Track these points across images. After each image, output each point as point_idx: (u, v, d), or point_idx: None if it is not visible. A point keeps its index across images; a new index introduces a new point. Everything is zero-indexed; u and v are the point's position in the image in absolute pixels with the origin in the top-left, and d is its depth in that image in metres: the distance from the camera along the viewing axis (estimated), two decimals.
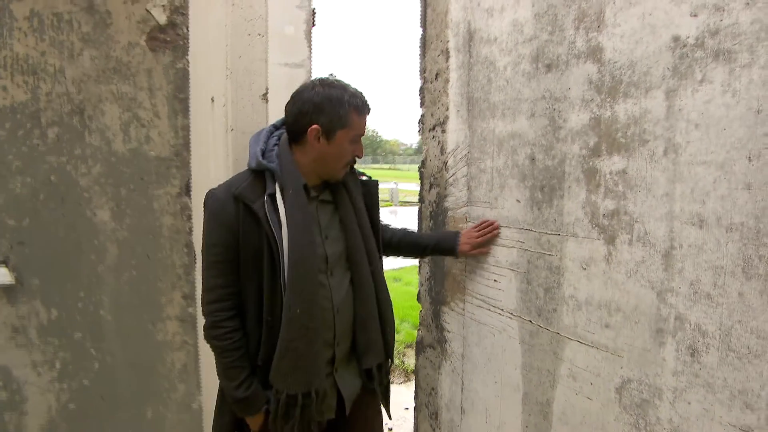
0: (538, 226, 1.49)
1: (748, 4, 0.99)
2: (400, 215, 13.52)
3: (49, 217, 0.58)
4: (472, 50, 1.72)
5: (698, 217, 1.08)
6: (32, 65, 0.56)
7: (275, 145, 1.41)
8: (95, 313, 0.60)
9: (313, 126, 1.33)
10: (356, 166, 1.51)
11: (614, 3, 1.23)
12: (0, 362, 0.55)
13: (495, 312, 1.68)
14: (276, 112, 1.66)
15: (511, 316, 1.61)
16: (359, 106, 1.36)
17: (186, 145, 0.64)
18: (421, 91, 2.05)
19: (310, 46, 1.92)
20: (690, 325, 1.10)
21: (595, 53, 1.29)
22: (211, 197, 1.32)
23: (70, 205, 0.59)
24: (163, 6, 0.62)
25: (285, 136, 1.40)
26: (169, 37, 0.62)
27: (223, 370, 1.35)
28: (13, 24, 0.54)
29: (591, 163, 1.31)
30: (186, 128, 0.66)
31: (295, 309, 1.29)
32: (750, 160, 0.99)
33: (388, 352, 1.54)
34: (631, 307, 1.23)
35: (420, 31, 2.03)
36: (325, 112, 1.32)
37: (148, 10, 0.61)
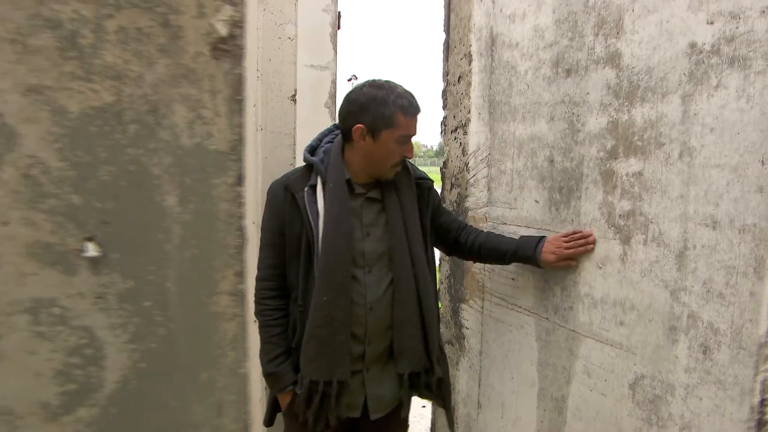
0: (556, 226, 1.53)
1: (763, 12, 1.02)
2: None
3: (128, 201, 0.67)
4: (494, 54, 1.77)
5: (711, 219, 1.11)
6: (118, 71, 0.65)
7: (329, 142, 1.49)
8: (162, 285, 0.69)
9: (357, 125, 1.38)
10: (423, 169, 1.52)
11: (633, 10, 1.27)
12: (86, 323, 0.64)
13: (512, 309, 1.72)
14: (303, 113, 1.73)
15: (528, 314, 1.65)
16: (405, 106, 1.38)
17: (241, 140, 0.72)
18: (444, 93, 2.10)
19: (335, 49, 1.99)
20: (702, 323, 1.14)
21: (613, 59, 1.33)
22: (270, 186, 1.46)
23: (145, 191, 0.67)
24: (224, 20, 0.70)
25: (340, 134, 1.48)
26: (229, 47, 0.70)
27: (261, 343, 1.47)
28: (105, 37, 0.62)
29: (608, 165, 1.35)
30: (241, 126, 0.74)
31: (321, 296, 1.35)
32: (763, 163, 1.02)
33: (432, 359, 1.48)
34: (645, 305, 1.26)
35: (443, 36, 2.08)
36: (370, 112, 1.36)
37: (212, 24, 0.68)
